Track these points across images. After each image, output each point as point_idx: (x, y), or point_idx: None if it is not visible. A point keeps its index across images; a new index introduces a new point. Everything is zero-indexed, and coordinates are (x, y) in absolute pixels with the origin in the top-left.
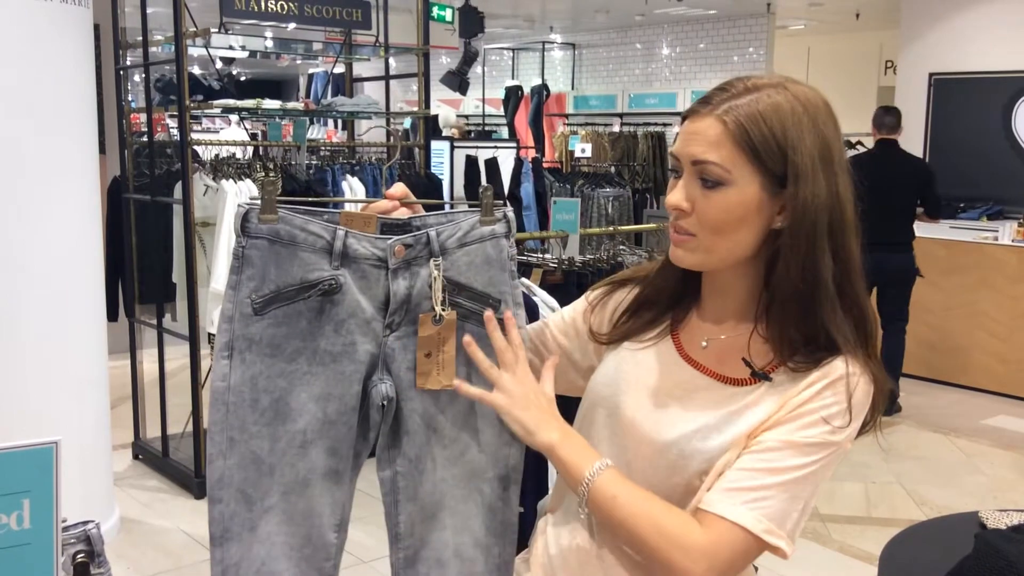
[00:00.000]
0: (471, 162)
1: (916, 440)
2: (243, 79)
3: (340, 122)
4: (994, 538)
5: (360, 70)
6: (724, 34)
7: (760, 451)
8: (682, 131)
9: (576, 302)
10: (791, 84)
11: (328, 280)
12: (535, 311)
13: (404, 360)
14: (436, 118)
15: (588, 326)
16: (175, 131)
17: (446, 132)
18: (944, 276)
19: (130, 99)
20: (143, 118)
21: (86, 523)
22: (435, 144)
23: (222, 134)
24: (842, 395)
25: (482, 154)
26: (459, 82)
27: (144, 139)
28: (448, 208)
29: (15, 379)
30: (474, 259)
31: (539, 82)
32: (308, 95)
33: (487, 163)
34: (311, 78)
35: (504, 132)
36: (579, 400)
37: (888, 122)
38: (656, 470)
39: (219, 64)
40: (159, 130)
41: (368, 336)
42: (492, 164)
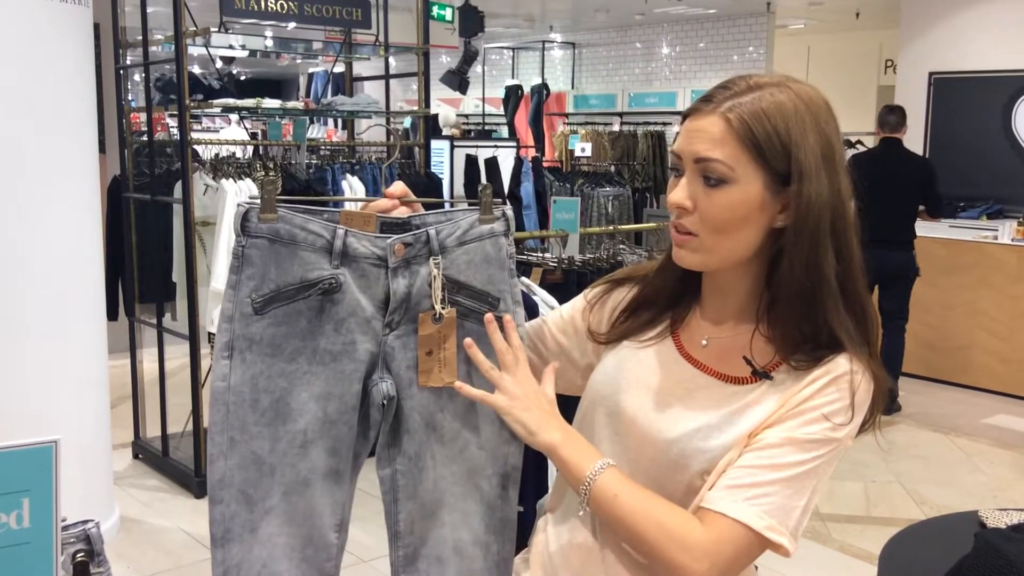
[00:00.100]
0: (471, 161)
1: (916, 439)
2: (243, 78)
3: (340, 121)
4: (994, 537)
5: (360, 69)
6: (724, 33)
7: (761, 448)
8: (684, 129)
9: (575, 300)
10: (793, 83)
11: (328, 279)
12: (535, 310)
13: (404, 358)
14: (436, 117)
15: (587, 325)
16: (175, 130)
17: (446, 132)
18: (944, 275)
19: (130, 98)
20: (143, 117)
21: (86, 522)
22: (435, 143)
23: (222, 133)
24: (845, 391)
25: (482, 153)
26: (459, 81)
27: (144, 138)
28: (447, 207)
29: (15, 378)
30: (473, 257)
31: (539, 81)
32: (308, 94)
33: (487, 162)
34: (311, 77)
35: (504, 131)
36: (579, 399)
37: (890, 121)
38: (657, 469)
39: (219, 63)
40: (159, 129)
41: (368, 335)
42: (492, 163)
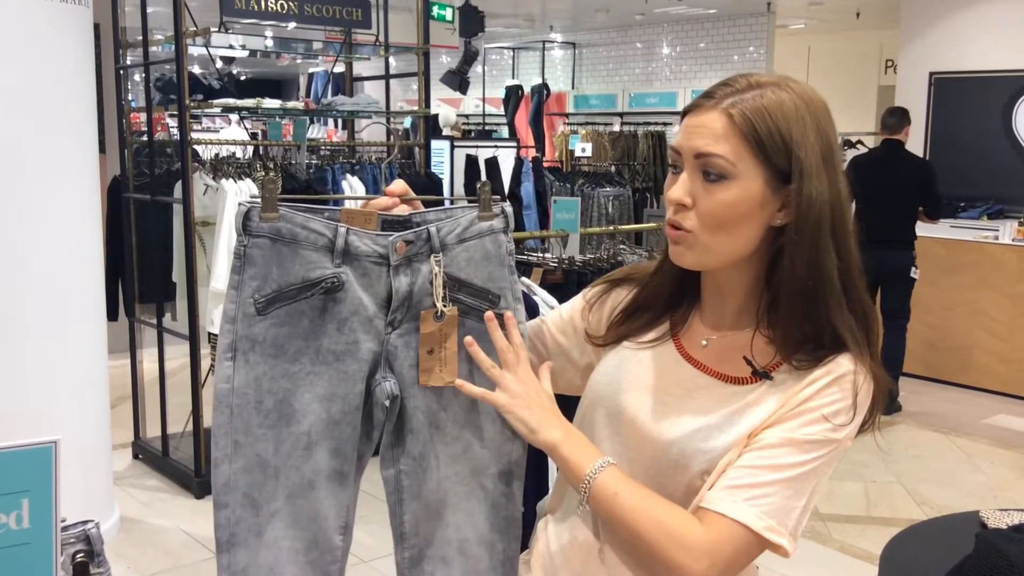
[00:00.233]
0: (471, 161)
1: (916, 439)
2: (243, 78)
3: (340, 121)
4: (995, 538)
5: (360, 69)
6: (724, 33)
7: (761, 448)
8: (684, 125)
9: (574, 299)
10: (792, 83)
11: (330, 278)
12: (535, 310)
13: (407, 357)
14: (436, 117)
15: (585, 325)
16: (175, 130)
17: (446, 132)
18: (944, 275)
19: (130, 98)
20: (143, 117)
21: (86, 523)
22: (435, 143)
23: (222, 133)
24: (847, 392)
25: (482, 153)
26: (459, 81)
27: (144, 138)
28: (447, 204)
29: (15, 378)
30: (473, 255)
31: (539, 81)
32: (308, 94)
33: (487, 162)
34: (311, 77)
35: (504, 131)
36: (578, 399)
37: (889, 122)
38: (657, 469)
39: (219, 63)
40: (159, 129)
41: (370, 334)
42: (492, 163)
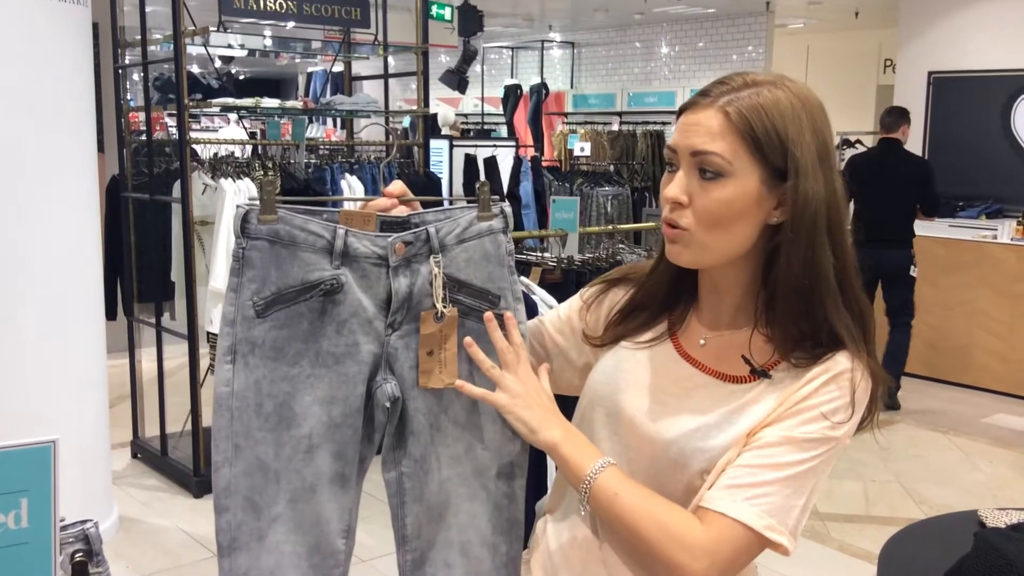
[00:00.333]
0: (470, 161)
1: (915, 439)
2: (242, 78)
3: (339, 121)
4: (993, 537)
5: (359, 69)
6: (723, 32)
7: (760, 447)
8: (680, 123)
9: (571, 300)
10: (788, 81)
11: (330, 280)
12: (534, 309)
13: (407, 359)
14: (435, 117)
15: (583, 325)
16: (174, 130)
17: (445, 131)
18: (943, 275)
19: (129, 98)
20: (142, 117)
21: (84, 522)
22: (434, 143)
23: (221, 133)
24: (845, 389)
25: (481, 153)
26: (458, 80)
27: (143, 138)
28: (446, 204)
29: (14, 378)
30: (473, 255)
31: (538, 81)
32: (307, 94)
33: (486, 162)
34: (310, 77)
35: (503, 131)
36: (577, 399)
37: (886, 121)
38: (657, 469)
39: (218, 63)
40: (158, 129)
41: (370, 336)
42: (491, 163)
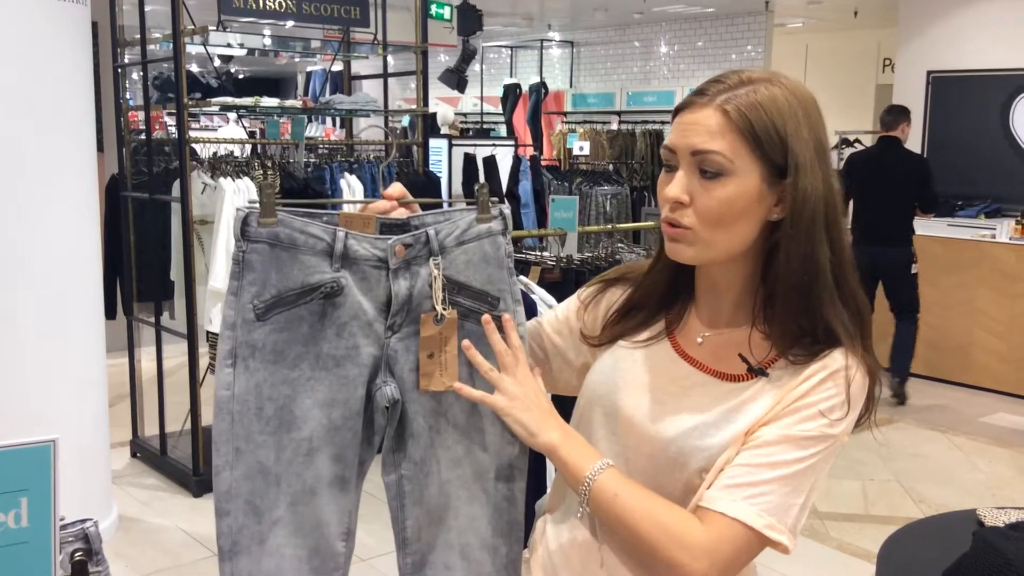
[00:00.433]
0: (469, 160)
1: (914, 438)
2: (241, 77)
3: (338, 120)
4: (992, 536)
5: (358, 68)
6: (722, 32)
7: (758, 446)
8: (678, 123)
9: (569, 300)
10: (783, 78)
11: (330, 283)
12: (533, 309)
13: (407, 361)
14: (434, 116)
15: (580, 325)
16: (173, 129)
17: (444, 130)
18: (942, 274)
19: (128, 97)
20: (141, 116)
21: (84, 521)
22: (433, 142)
23: (220, 132)
24: (841, 387)
25: (480, 152)
26: (457, 80)
27: (142, 137)
28: (445, 207)
29: (14, 378)
30: (472, 257)
31: (537, 80)
32: (306, 93)
33: (485, 161)
34: (309, 76)
35: (502, 130)
36: (575, 400)
37: (886, 120)
38: (655, 468)
39: (217, 62)
40: (157, 128)
41: (370, 338)
42: (490, 162)
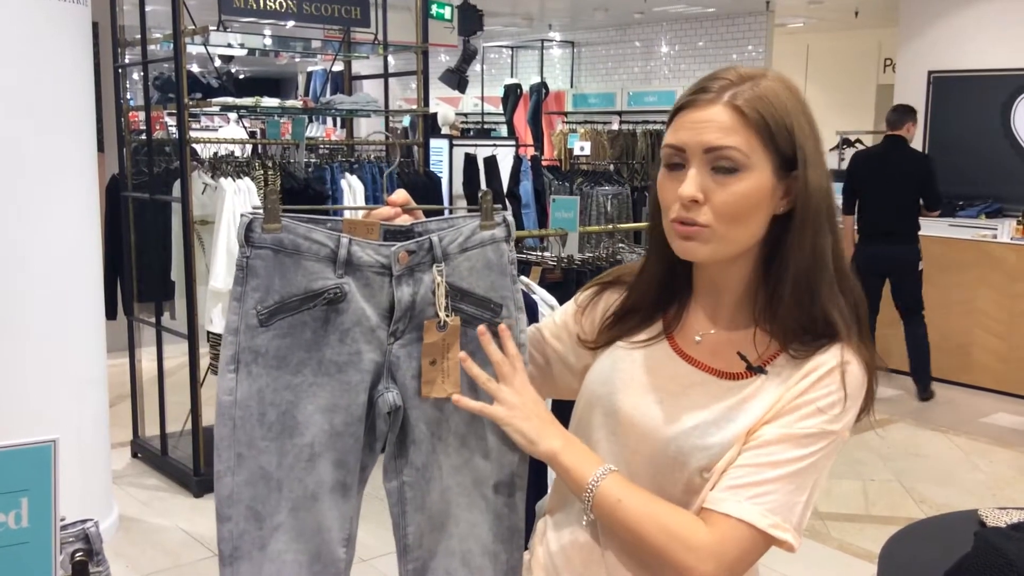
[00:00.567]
0: (470, 160)
1: (915, 438)
2: (242, 77)
3: (339, 120)
4: (993, 536)
5: (359, 68)
6: (723, 32)
7: (759, 446)
8: (683, 122)
9: (567, 304)
10: (772, 73)
11: (333, 289)
12: (534, 309)
13: (409, 368)
14: (435, 116)
15: (578, 329)
16: (174, 129)
17: (445, 131)
18: (943, 274)
19: (128, 97)
20: (142, 116)
21: (84, 521)
22: (434, 142)
23: (221, 132)
24: (839, 384)
25: (481, 152)
26: (458, 80)
27: (143, 137)
28: (448, 213)
29: (14, 378)
30: (475, 264)
31: (538, 80)
32: (307, 93)
33: (486, 161)
34: (310, 76)
35: (503, 130)
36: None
37: (891, 119)
38: (655, 467)
39: (218, 62)
40: (158, 128)
41: (373, 344)
42: (491, 162)
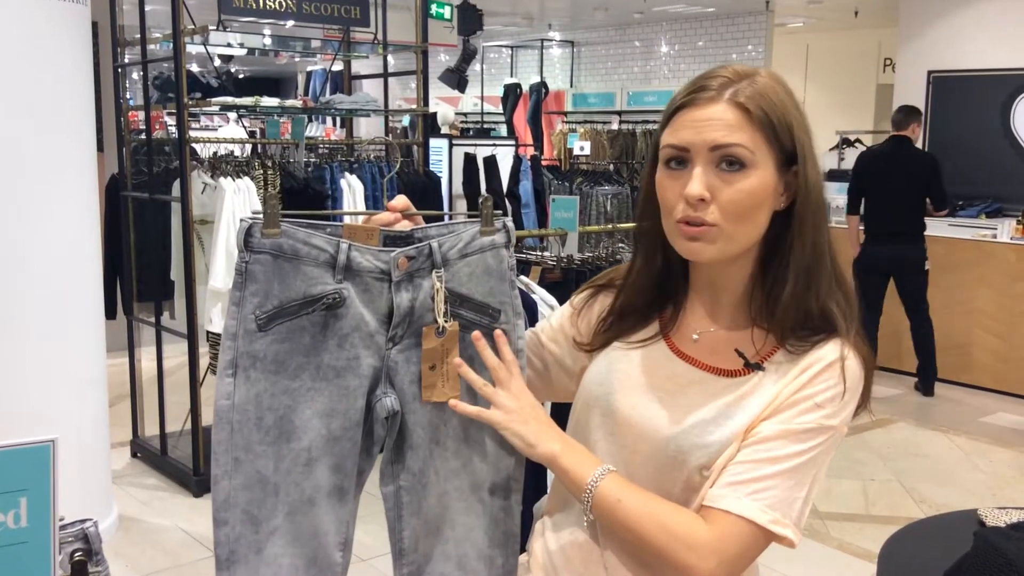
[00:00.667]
0: (469, 160)
1: (915, 438)
2: (241, 76)
3: (338, 120)
4: (993, 536)
5: (359, 67)
6: (723, 32)
7: (758, 442)
8: (684, 120)
9: (562, 308)
10: (765, 71)
11: (332, 294)
12: (534, 309)
13: (407, 373)
14: (435, 116)
15: (575, 332)
16: (173, 129)
17: (444, 130)
18: (943, 274)
19: (128, 97)
20: (141, 116)
21: (84, 521)
22: (433, 142)
23: (220, 132)
24: (837, 378)
25: (480, 152)
26: (458, 79)
27: (142, 137)
28: (447, 219)
29: (14, 377)
30: (475, 270)
31: (538, 80)
32: (306, 93)
33: (485, 161)
34: (309, 75)
35: (503, 130)
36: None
37: (896, 119)
38: (654, 466)
39: (217, 62)
40: (157, 128)
41: (371, 349)
42: (490, 162)
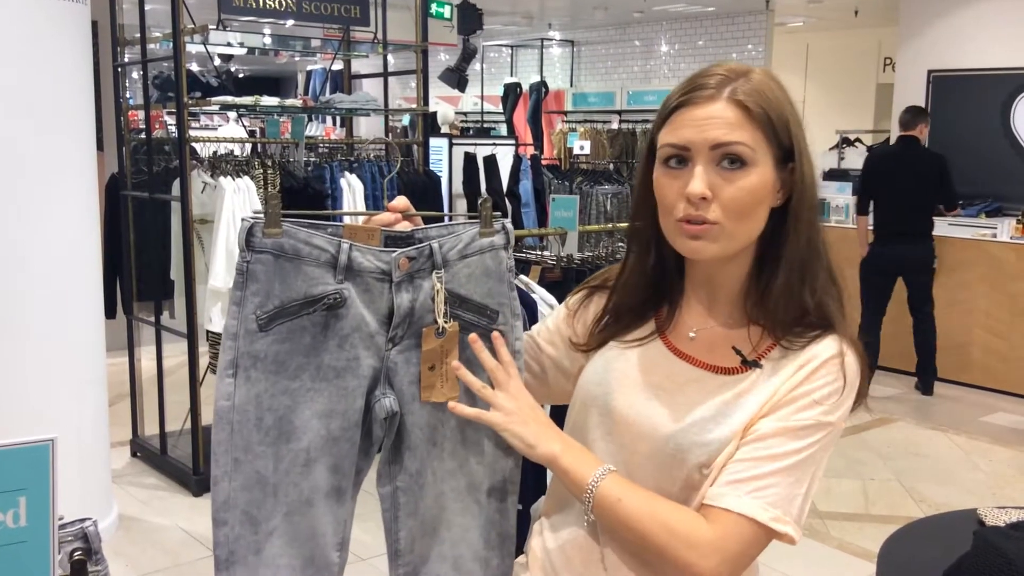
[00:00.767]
0: (469, 159)
1: (914, 437)
2: (241, 76)
3: (338, 119)
4: (993, 535)
5: (358, 67)
6: (723, 31)
7: (758, 439)
8: (683, 119)
9: (558, 309)
10: (758, 69)
11: (332, 294)
12: (534, 308)
13: (407, 374)
14: (435, 115)
15: (570, 333)
16: (173, 128)
17: (444, 130)
18: (943, 273)
19: (128, 96)
20: (141, 115)
21: (83, 520)
22: (433, 141)
23: (220, 131)
24: (835, 374)
25: (480, 151)
26: (458, 79)
27: (142, 136)
28: (447, 220)
29: (14, 377)
30: (474, 271)
31: (538, 79)
32: (306, 92)
33: (485, 160)
34: (309, 75)
35: (503, 129)
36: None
37: (904, 119)
38: (653, 465)
39: (217, 61)
40: (157, 127)
41: (371, 350)
42: (491, 161)
